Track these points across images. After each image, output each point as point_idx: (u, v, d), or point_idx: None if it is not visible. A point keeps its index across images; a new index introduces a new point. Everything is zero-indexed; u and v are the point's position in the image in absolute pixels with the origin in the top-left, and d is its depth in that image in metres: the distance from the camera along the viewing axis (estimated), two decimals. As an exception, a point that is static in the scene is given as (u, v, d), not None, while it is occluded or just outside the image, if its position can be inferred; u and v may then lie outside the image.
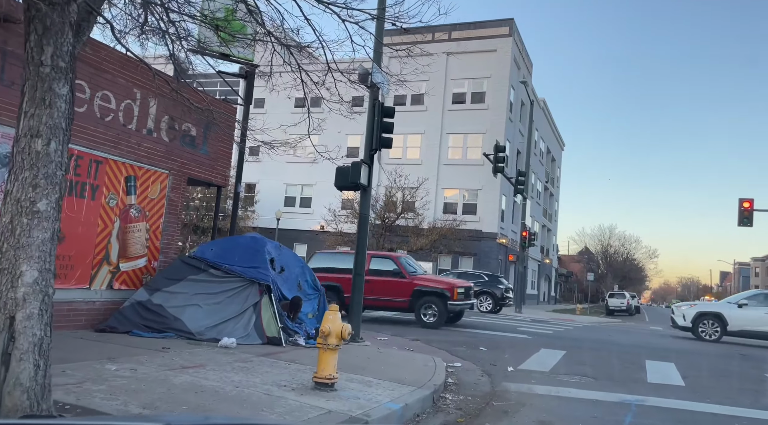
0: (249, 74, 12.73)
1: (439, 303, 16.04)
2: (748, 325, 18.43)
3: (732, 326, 18.63)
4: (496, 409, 6.95)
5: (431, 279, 17.22)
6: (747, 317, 18.54)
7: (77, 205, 8.86)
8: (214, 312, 9.42)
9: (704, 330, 19.02)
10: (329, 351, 6.32)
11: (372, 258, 16.76)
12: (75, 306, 8.89)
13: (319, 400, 5.83)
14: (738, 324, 18.60)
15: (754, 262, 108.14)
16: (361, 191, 11.29)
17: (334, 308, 6.54)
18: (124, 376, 5.93)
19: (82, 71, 8.66)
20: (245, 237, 10.77)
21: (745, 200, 24.62)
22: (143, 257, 10.13)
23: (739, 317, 18.64)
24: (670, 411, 7.40)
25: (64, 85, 4.00)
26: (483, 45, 39.81)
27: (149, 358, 7.07)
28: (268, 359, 7.89)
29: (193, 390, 5.67)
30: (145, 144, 9.92)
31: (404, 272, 16.65)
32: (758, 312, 18.42)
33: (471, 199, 39.22)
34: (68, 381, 5.48)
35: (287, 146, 9.07)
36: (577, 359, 11.82)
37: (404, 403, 6.22)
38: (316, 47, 6.17)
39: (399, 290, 16.36)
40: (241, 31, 7.65)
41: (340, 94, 7.27)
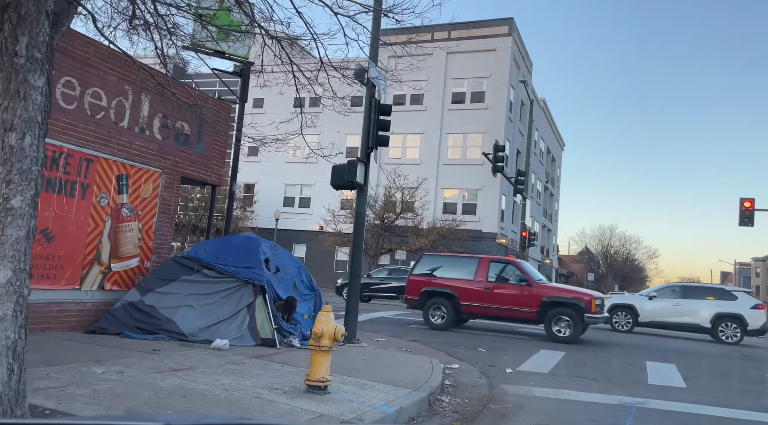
0: (244, 72, 12.57)
1: (575, 316, 14.57)
2: (657, 316, 19.97)
3: (643, 317, 20.12)
4: (494, 412, 6.79)
5: (563, 289, 15.93)
6: (656, 308, 20.05)
7: (67, 204, 8.70)
8: (208, 313, 9.25)
9: (618, 321, 20.44)
10: (322, 353, 6.16)
11: (491, 263, 15.99)
12: (65, 307, 8.72)
13: (310, 404, 5.67)
14: (648, 316, 20.09)
15: (754, 262, 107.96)
16: (358, 190, 11.13)
17: (327, 309, 6.38)
18: (110, 379, 5.76)
19: (72, 67, 8.52)
20: (240, 237, 10.61)
21: (746, 200, 24.48)
22: (136, 257, 9.97)
23: (649, 309, 20.12)
24: (671, 413, 7.24)
25: (40, 76, 3.83)
26: (482, 44, 39.64)
27: (138, 360, 6.91)
28: (261, 361, 7.73)
29: (181, 394, 5.51)
30: (137, 142, 9.75)
31: (531, 280, 15.40)
32: (666, 303, 19.97)
33: (471, 198, 39.05)
34: (51, 384, 5.32)
35: (279, 143, 8.90)
36: (577, 360, 11.65)
37: (399, 406, 6.07)
38: (308, 41, 6.02)
39: (525, 300, 15.08)
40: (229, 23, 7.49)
41: (333, 90, 7.11)
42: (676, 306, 19.89)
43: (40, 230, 8.32)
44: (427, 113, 40.27)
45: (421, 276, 16.45)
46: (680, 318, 19.69)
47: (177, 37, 6.61)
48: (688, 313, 19.63)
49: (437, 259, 17.33)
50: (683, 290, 20.69)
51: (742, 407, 7.91)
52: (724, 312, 19.17)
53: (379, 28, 9.63)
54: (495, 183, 37.04)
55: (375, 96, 10.92)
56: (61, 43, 8.23)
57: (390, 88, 40.29)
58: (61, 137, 8.50)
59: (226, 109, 11.27)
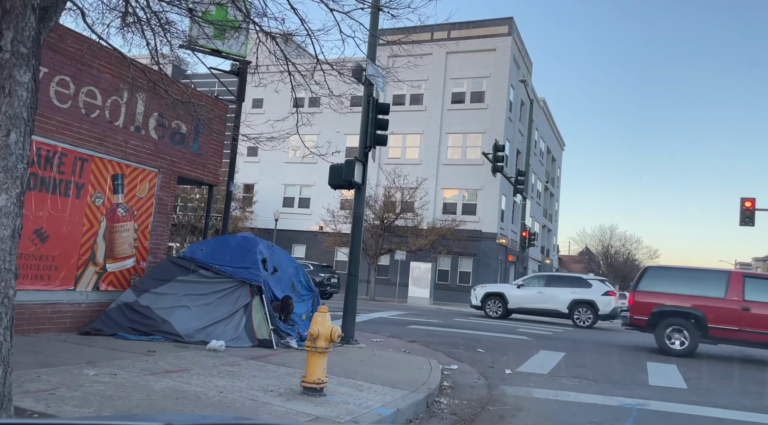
0: (241, 71, 12.47)
1: None
2: (524, 303, 21.83)
3: (511, 304, 21.93)
4: (492, 414, 6.69)
5: None
6: (523, 296, 21.95)
7: (61, 204, 8.60)
8: (204, 313, 9.16)
9: (490, 308, 22.27)
10: (318, 355, 6.07)
11: (745, 278, 13.61)
12: (59, 307, 8.63)
13: (306, 406, 5.58)
14: (516, 303, 21.92)
15: (755, 262, 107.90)
16: (356, 190, 11.04)
17: (323, 309, 6.29)
18: (102, 382, 5.67)
19: (66, 65, 8.43)
20: (236, 237, 10.51)
21: (747, 199, 24.39)
22: (131, 257, 9.87)
23: (517, 296, 22.02)
24: (672, 415, 7.15)
25: (26, 72, 3.74)
26: (482, 44, 39.55)
27: (132, 362, 6.81)
28: (257, 362, 7.64)
29: (174, 396, 5.41)
30: (132, 141, 9.66)
31: None
32: (532, 291, 21.96)
33: (470, 198, 38.95)
34: (41, 387, 5.22)
35: (274, 142, 8.80)
36: (577, 361, 11.56)
37: (396, 408, 5.97)
38: (303, 38, 5.94)
39: None
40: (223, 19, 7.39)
41: (330, 87, 7.02)
42: (540, 293, 21.77)
43: (33, 230, 8.23)
44: (427, 113, 40.17)
45: (650, 293, 14.12)
46: (543, 305, 21.62)
47: (171, 34, 6.52)
48: (550, 300, 21.52)
49: (668, 272, 14.95)
50: (547, 279, 22.74)
51: (744, 408, 7.81)
52: (579, 299, 21.25)
53: (377, 24, 9.53)
54: (495, 183, 36.94)
55: (373, 95, 10.83)
56: (55, 41, 8.15)
57: (389, 87, 40.32)
58: (55, 136, 8.41)
59: (223, 108, 11.17)
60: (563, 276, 24.45)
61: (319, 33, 5.73)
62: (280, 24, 5.83)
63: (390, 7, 5.96)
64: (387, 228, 33.20)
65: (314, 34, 5.74)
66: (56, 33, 8.15)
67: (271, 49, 5.99)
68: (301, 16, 5.44)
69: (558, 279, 23.18)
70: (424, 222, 35.29)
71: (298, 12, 5.33)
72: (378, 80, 10.32)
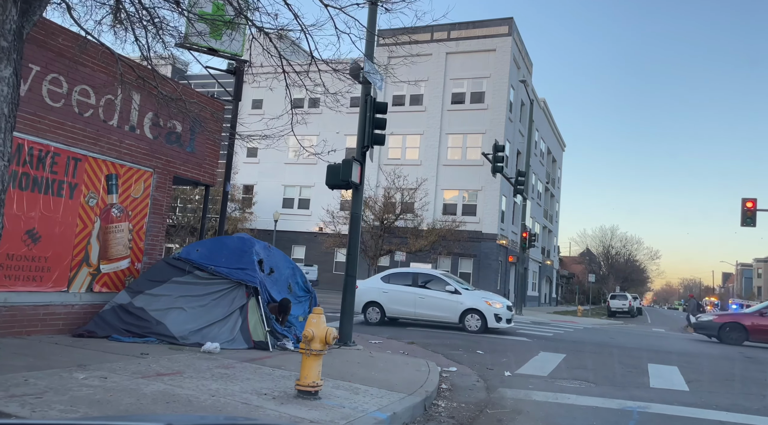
0: (238, 70, 12.36)
1: None
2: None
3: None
4: (491, 417, 6.57)
5: None
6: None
7: (54, 204, 8.48)
8: (199, 315, 9.04)
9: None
10: (313, 357, 5.94)
11: None
12: (52, 309, 8.51)
13: (300, 410, 5.46)
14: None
15: (756, 263, 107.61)
16: (353, 190, 10.92)
17: (318, 311, 6.17)
18: (91, 385, 5.54)
19: (58, 64, 8.31)
20: (233, 238, 10.38)
21: (749, 200, 24.26)
22: (126, 258, 9.75)
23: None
24: (674, 418, 7.02)
25: (7, 66, 3.62)
26: (482, 44, 39.45)
27: (124, 365, 6.69)
28: (252, 365, 7.51)
29: (165, 400, 5.29)
30: (127, 141, 9.54)
31: None
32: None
33: (471, 199, 38.82)
34: (28, 391, 5.10)
35: (268, 140, 8.68)
36: (577, 363, 11.44)
37: (392, 412, 5.85)
38: (297, 35, 5.82)
39: None
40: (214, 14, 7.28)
41: (325, 84, 6.90)
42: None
43: (25, 230, 8.12)
44: (427, 114, 40.05)
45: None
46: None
47: (164, 31, 6.40)
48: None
49: None
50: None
51: (746, 411, 7.69)
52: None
53: (375, 21, 9.39)
54: (495, 183, 36.82)
55: (371, 94, 10.71)
56: (47, 39, 8.04)
57: (389, 88, 40.19)
58: (48, 135, 8.30)
59: (218, 107, 11.04)
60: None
61: (313, 28, 5.62)
62: (273, 19, 5.73)
63: (385, 0, 5.84)
64: (387, 229, 33.06)
65: (308, 29, 5.63)
66: (48, 30, 8.04)
67: (264, 46, 5.87)
68: (294, 12, 5.34)
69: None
70: (424, 223, 35.16)
71: (291, 7, 5.22)
72: (375, 78, 10.20)
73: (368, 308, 17.44)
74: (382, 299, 17.28)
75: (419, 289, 17.19)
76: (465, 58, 39.75)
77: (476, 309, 16.43)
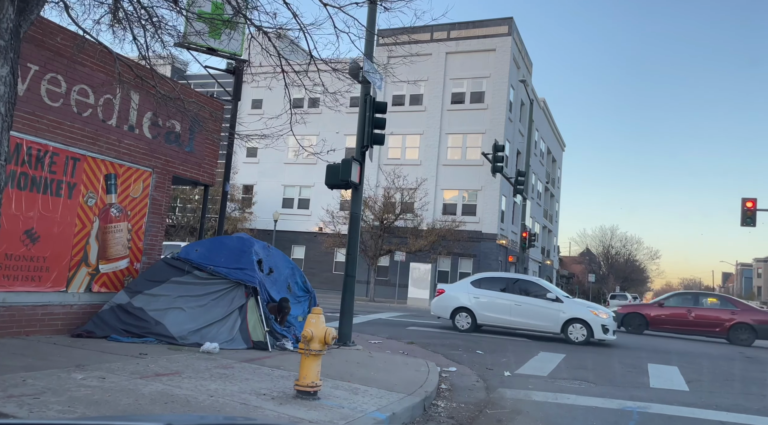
0: (237, 70, 12.34)
1: None
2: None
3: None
4: (490, 418, 6.55)
5: None
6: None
7: (52, 204, 8.46)
8: (198, 315, 9.02)
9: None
10: (312, 357, 5.93)
11: None
12: (50, 309, 8.48)
13: (299, 410, 5.44)
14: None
15: (756, 263, 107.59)
16: (353, 189, 10.90)
17: (318, 311, 6.15)
18: (89, 386, 5.52)
19: (57, 64, 8.29)
20: (232, 238, 10.36)
21: (749, 200, 24.24)
22: (125, 258, 9.73)
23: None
24: (674, 419, 7.00)
25: (4, 65, 3.60)
26: (482, 44, 39.42)
27: (122, 365, 6.67)
28: (251, 365, 7.50)
29: (163, 401, 5.27)
30: (126, 140, 9.52)
31: None
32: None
33: (470, 199, 38.79)
34: (26, 391, 5.08)
35: (267, 140, 8.66)
36: (577, 363, 11.42)
37: (391, 412, 5.84)
38: (296, 34, 5.80)
39: None
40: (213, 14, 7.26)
41: (324, 84, 6.88)
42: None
43: (24, 230, 8.10)
44: (427, 113, 40.02)
45: None
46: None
47: (163, 31, 6.38)
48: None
49: None
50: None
51: (746, 411, 7.68)
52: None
53: (374, 20, 9.37)
54: (495, 183, 36.80)
55: (370, 93, 10.69)
56: (45, 38, 8.02)
57: (389, 87, 40.13)
58: (47, 135, 8.27)
59: (218, 106, 11.02)
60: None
61: (312, 27, 5.60)
62: (271, 18, 5.70)
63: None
64: (386, 229, 33.03)
65: (307, 28, 5.61)
66: (46, 29, 8.02)
67: (263, 45, 5.85)
68: (293, 10, 5.31)
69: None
70: (424, 223, 35.12)
71: (290, 6, 5.20)
72: (375, 78, 10.18)
73: (457, 314, 16.39)
74: (472, 305, 16.22)
75: (515, 296, 16.05)
76: (465, 57, 39.73)
77: (581, 319, 15.27)
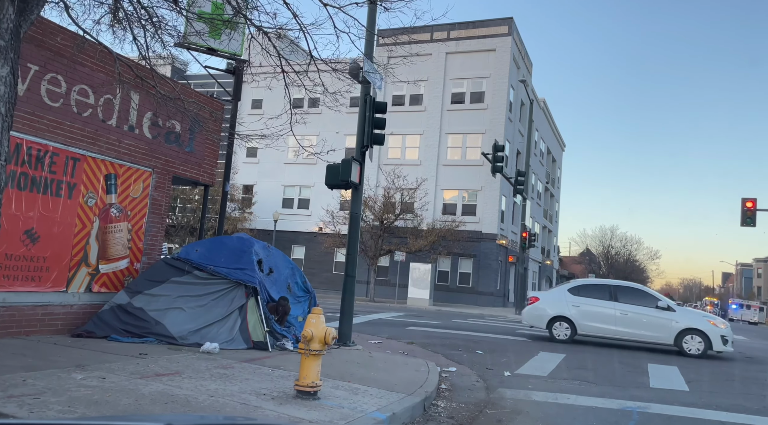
0: (237, 70, 12.34)
1: None
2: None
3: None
4: (490, 418, 6.55)
5: None
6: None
7: (53, 204, 8.46)
8: (198, 315, 9.02)
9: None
10: (312, 357, 5.93)
11: None
12: (50, 309, 8.49)
13: (299, 410, 5.44)
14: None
15: (756, 263, 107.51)
16: (353, 189, 10.91)
17: (318, 311, 6.16)
18: (89, 386, 5.53)
19: (57, 64, 8.29)
20: (232, 238, 10.36)
21: (748, 200, 24.25)
22: (125, 258, 9.73)
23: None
24: (674, 419, 7.00)
25: (4, 65, 3.60)
26: (482, 44, 39.42)
27: (122, 365, 6.67)
28: (251, 365, 7.50)
29: (163, 401, 5.27)
30: (126, 140, 9.52)
31: None
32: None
33: (470, 199, 38.79)
34: (26, 391, 5.08)
35: (267, 140, 8.66)
36: (577, 363, 11.42)
37: (391, 412, 5.84)
38: (296, 34, 5.80)
39: None
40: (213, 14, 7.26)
41: (324, 84, 6.88)
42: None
43: (24, 230, 8.10)
44: (427, 113, 40.02)
45: None
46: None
47: (163, 31, 6.38)
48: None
49: None
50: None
51: (746, 411, 7.68)
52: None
53: (374, 20, 9.36)
54: (495, 183, 36.80)
55: (370, 93, 10.69)
56: (45, 38, 8.02)
57: (388, 88, 40.11)
58: (47, 135, 8.27)
59: (218, 106, 11.02)
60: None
61: (312, 27, 5.60)
62: (272, 18, 5.70)
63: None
64: (386, 229, 33.03)
65: (307, 28, 5.61)
66: (46, 29, 8.02)
67: (263, 45, 5.86)
68: (293, 10, 5.32)
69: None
70: (424, 223, 35.12)
71: (290, 6, 5.20)
72: (375, 78, 10.18)
73: (555, 323, 15.52)
74: (572, 314, 15.37)
75: (620, 304, 15.13)
76: (465, 57, 39.73)
77: (697, 330, 14.31)
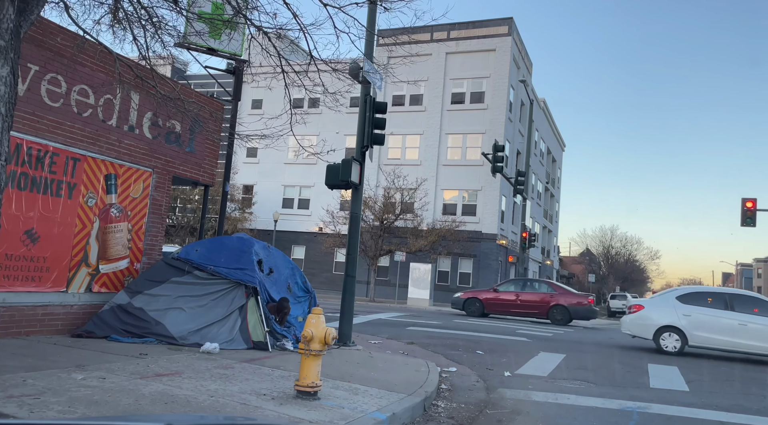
0: (237, 70, 12.34)
1: None
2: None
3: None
4: (490, 418, 6.55)
5: None
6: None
7: (53, 204, 8.46)
8: (198, 315, 9.02)
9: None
10: (312, 357, 5.93)
11: None
12: (50, 310, 8.49)
13: (299, 410, 5.44)
14: None
15: (756, 263, 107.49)
16: (353, 190, 10.91)
17: (318, 311, 6.16)
18: (89, 386, 5.53)
19: (57, 64, 8.29)
20: (232, 238, 10.37)
21: (749, 200, 24.25)
22: (125, 258, 9.73)
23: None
24: (674, 419, 7.00)
25: (4, 65, 3.60)
26: (482, 44, 39.43)
27: (122, 365, 6.67)
28: (252, 365, 7.50)
29: (163, 401, 5.27)
30: (126, 141, 9.52)
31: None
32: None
33: (470, 199, 38.80)
34: (26, 391, 5.08)
35: (267, 140, 8.67)
36: (577, 363, 11.42)
37: (392, 412, 5.84)
38: (296, 34, 5.80)
39: None
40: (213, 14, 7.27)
41: (324, 84, 6.88)
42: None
43: (24, 231, 8.10)
44: (427, 114, 40.03)
45: None
46: None
47: (163, 31, 6.39)
48: None
49: None
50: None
51: (746, 411, 7.68)
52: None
53: (375, 20, 9.36)
54: (495, 184, 36.80)
55: (370, 93, 10.70)
56: (45, 38, 8.02)
57: (389, 88, 40.14)
58: (47, 135, 8.28)
59: (218, 106, 11.02)
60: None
61: (312, 28, 5.60)
62: (272, 18, 5.71)
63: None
64: (386, 229, 33.04)
65: (307, 28, 5.61)
66: (46, 29, 8.02)
67: (263, 45, 5.86)
68: (293, 11, 5.32)
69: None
70: (424, 223, 35.14)
71: (290, 6, 5.21)
72: (375, 78, 10.18)
73: (663, 333, 14.68)
74: (682, 324, 14.49)
75: (739, 314, 14.10)
76: (465, 58, 39.74)
77: None
